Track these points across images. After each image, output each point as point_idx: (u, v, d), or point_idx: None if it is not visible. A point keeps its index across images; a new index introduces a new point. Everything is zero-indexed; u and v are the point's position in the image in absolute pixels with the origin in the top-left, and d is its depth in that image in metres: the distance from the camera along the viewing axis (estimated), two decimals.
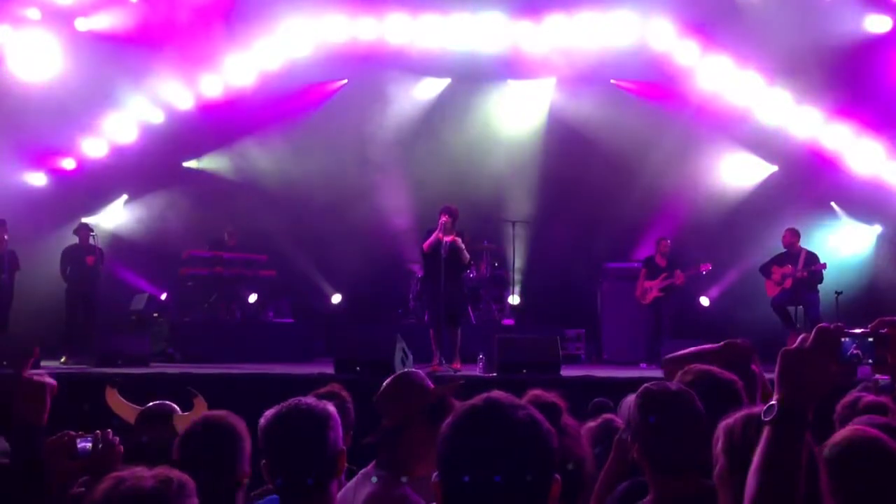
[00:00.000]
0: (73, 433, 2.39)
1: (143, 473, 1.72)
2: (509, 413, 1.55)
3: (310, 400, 2.40)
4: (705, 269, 10.69)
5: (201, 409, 3.39)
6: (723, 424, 1.91)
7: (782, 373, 1.58)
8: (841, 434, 2.05)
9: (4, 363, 8.53)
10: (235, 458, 2.49)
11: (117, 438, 2.42)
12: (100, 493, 1.68)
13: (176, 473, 1.76)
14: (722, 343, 3.02)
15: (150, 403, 3.42)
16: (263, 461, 2.33)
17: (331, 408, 2.39)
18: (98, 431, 2.41)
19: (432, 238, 8.92)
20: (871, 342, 1.66)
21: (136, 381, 7.45)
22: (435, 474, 1.57)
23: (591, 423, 3.29)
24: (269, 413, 2.36)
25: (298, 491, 2.28)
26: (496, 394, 1.60)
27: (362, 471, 2.75)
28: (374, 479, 2.66)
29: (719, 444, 1.90)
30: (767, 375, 2.38)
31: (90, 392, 3.90)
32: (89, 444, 2.37)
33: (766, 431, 1.56)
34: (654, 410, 2.43)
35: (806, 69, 11.15)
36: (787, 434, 1.54)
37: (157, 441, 3.18)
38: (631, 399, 2.56)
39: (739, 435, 1.85)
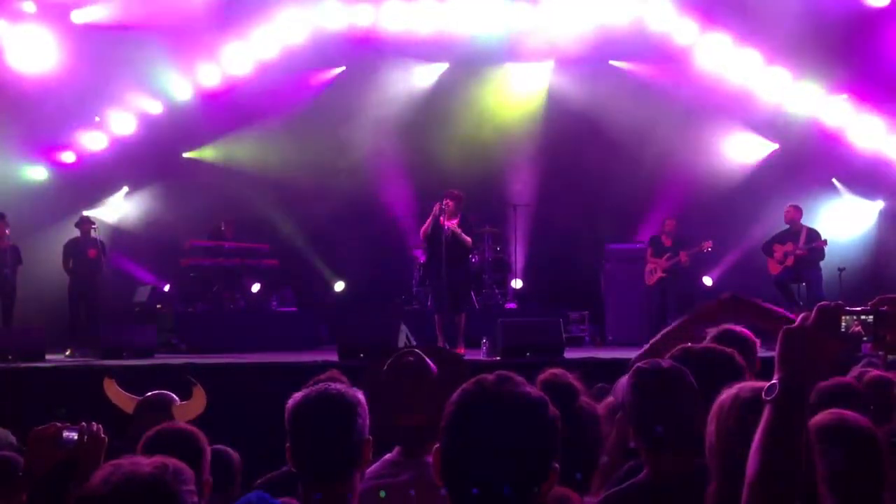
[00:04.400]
0: (59, 423, 2.40)
1: (140, 460, 1.73)
2: (516, 392, 1.57)
3: (340, 385, 2.35)
4: (707, 246, 10.63)
5: (200, 398, 3.42)
6: (716, 402, 1.93)
7: (783, 352, 1.59)
8: (816, 418, 2.05)
9: (10, 357, 8.58)
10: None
11: (101, 427, 2.44)
12: (97, 480, 1.69)
13: (172, 461, 1.76)
14: (692, 313, 2.99)
15: (149, 393, 3.44)
16: (287, 444, 2.32)
17: (360, 395, 2.34)
18: (83, 423, 2.42)
19: (428, 222, 8.91)
20: (871, 320, 1.67)
21: (142, 373, 7.49)
22: (437, 446, 1.59)
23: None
24: (297, 395, 2.31)
25: (322, 478, 2.26)
26: (506, 373, 1.62)
27: (385, 459, 2.72)
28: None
29: (711, 420, 1.92)
30: (768, 354, 2.39)
31: (96, 384, 3.92)
32: (75, 435, 2.38)
33: (766, 410, 1.57)
34: (646, 389, 2.43)
35: (806, 45, 11.10)
36: (788, 413, 1.55)
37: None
38: (625, 379, 2.56)
39: (728, 410, 1.87)
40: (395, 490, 2.58)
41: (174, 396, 3.40)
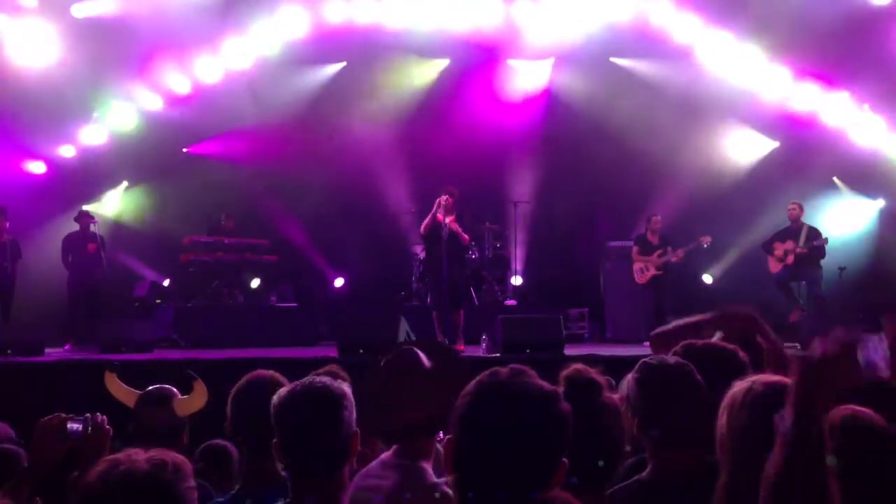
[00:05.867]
0: (63, 415, 2.40)
1: (138, 456, 1.70)
2: (530, 384, 1.60)
3: (325, 378, 2.34)
4: (705, 241, 10.60)
5: (201, 393, 3.40)
6: (728, 394, 1.92)
7: (800, 385, 1.58)
8: (829, 415, 2.04)
9: (9, 352, 8.56)
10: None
11: (105, 419, 2.43)
12: (95, 477, 1.67)
13: (172, 455, 1.74)
14: (717, 313, 2.86)
15: (150, 387, 3.43)
16: (275, 440, 2.31)
17: (346, 387, 2.33)
18: (88, 415, 2.42)
19: (428, 219, 8.90)
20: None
21: (140, 367, 7.48)
22: (447, 438, 1.62)
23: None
24: (282, 391, 2.31)
25: (310, 472, 2.26)
26: (520, 366, 1.65)
27: (380, 459, 2.70)
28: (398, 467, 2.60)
29: (723, 413, 1.91)
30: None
31: (96, 379, 3.91)
32: (80, 427, 2.38)
33: (779, 440, 1.56)
34: (652, 384, 2.42)
35: (806, 43, 11.09)
36: (801, 442, 1.55)
37: (157, 424, 3.21)
38: (631, 375, 2.55)
39: (740, 404, 1.86)
40: (380, 493, 2.56)
41: (175, 391, 3.39)
